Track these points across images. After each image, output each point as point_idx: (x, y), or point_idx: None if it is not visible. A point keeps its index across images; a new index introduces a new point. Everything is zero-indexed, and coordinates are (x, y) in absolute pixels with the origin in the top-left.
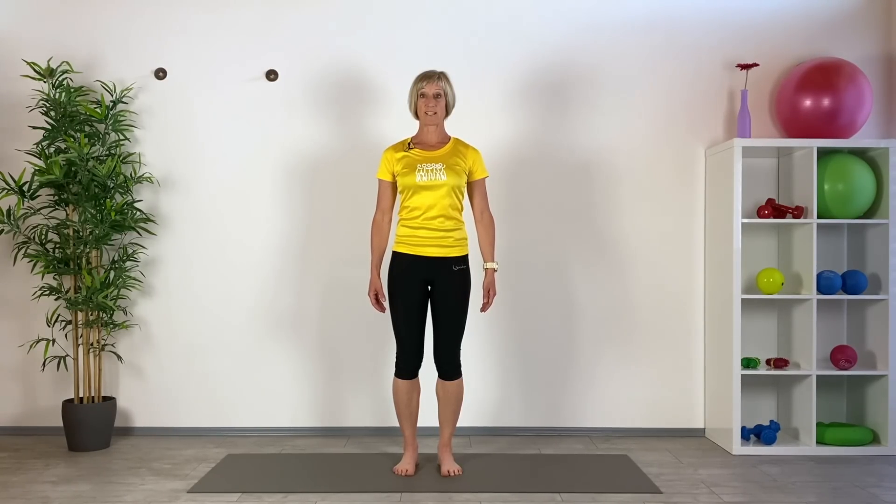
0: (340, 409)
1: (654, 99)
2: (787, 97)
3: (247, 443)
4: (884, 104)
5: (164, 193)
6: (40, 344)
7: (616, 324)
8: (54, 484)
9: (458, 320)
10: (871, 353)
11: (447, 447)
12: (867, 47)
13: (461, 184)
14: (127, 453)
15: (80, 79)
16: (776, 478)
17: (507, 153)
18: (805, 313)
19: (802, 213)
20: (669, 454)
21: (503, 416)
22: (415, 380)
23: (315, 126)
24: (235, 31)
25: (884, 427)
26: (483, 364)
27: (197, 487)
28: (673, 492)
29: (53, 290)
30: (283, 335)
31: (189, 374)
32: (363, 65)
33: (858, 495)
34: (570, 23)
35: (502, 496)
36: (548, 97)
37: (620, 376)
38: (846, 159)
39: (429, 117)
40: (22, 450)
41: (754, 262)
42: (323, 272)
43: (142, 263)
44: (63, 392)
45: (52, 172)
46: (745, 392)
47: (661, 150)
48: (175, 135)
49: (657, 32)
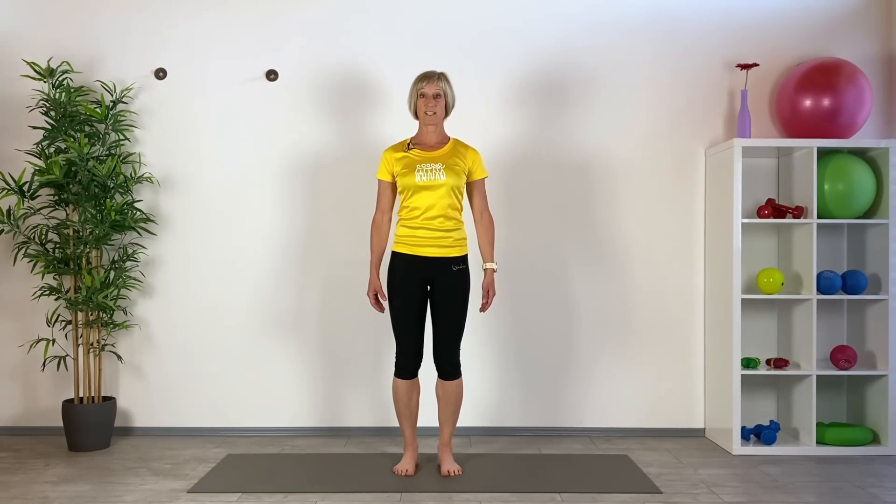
0: (340, 409)
1: (654, 99)
2: (787, 97)
3: (247, 443)
4: (884, 104)
5: (164, 193)
6: (40, 344)
7: (616, 323)
8: (54, 484)
9: (458, 320)
10: (871, 353)
11: (447, 447)
12: (867, 47)
13: (461, 184)
14: (127, 453)
15: (80, 79)
16: (776, 478)
17: (507, 153)
18: (805, 313)
19: (802, 213)
20: (669, 454)
21: (503, 416)
22: (415, 380)
23: (315, 126)
24: (235, 31)
25: (884, 427)
26: (483, 364)
27: (197, 487)
28: (673, 492)
29: (53, 290)
30: (283, 335)
31: (189, 374)
32: (363, 65)
33: (858, 495)
34: (570, 23)
35: (502, 496)
36: (547, 97)
37: (620, 376)
38: (846, 159)
39: (428, 117)
40: (22, 450)
41: (754, 262)
42: (322, 272)
43: (142, 263)
44: (63, 392)
45: (52, 172)
46: (745, 392)
47: (661, 150)
48: (175, 135)
49: (657, 32)
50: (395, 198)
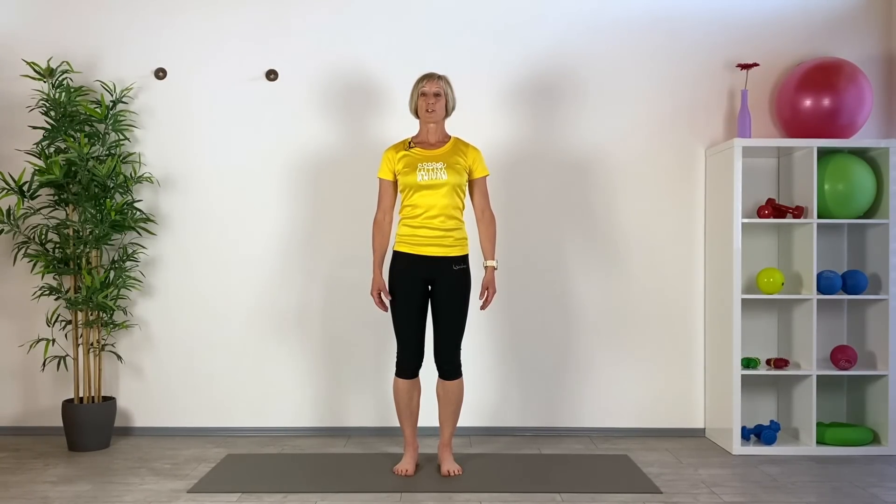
0: (341, 408)
1: (654, 99)
2: (787, 97)
3: (247, 443)
4: (884, 104)
5: (163, 193)
6: (40, 344)
7: (616, 323)
8: (54, 484)
9: (459, 320)
10: (871, 353)
11: (447, 447)
12: (867, 47)
13: (462, 182)
14: (127, 453)
15: (80, 79)
16: (776, 478)
17: (507, 154)
18: (805, 313)
19: (802, 213)
20: (669, 454)
21: (503, 416)
22: (415, 379)
23: (315, 126)
24: (235, 31)
25: (884, 427)
26: (483, 364)
27: (197, 487)
28: (673, 492)
29: (53, 290)
30: (283, 335)
31: (189, 374)
32: (363, 65)
33: (858, 495)
34: (570, 23)
35: (502, 496)
36: (547, 98)
37: (620, 376)
38: (846, 159)
39: (429, 115)
40: (22, 450)
41: (754, 262)
42: (323, 272)
43: (142, 263)
44: (63, 392)
45: (52, 172)
46: (746, 392)
47: (661, 150)
48: (175, 135)
49: (657, 32)
50: (396, 197)
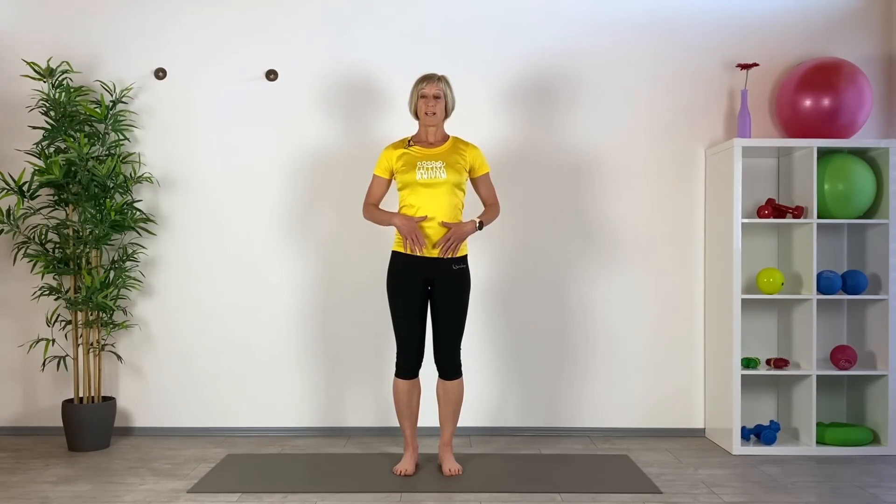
0: (341, 408)
1: (654, 99)
2: (787, 97)
3: (247, 443)
4: (884, 104)
5: (163, 193)
6: (40, 344)
7: (616, 323)
8: (54, 484)
9: (458, 320)
10: (871, 353)
11: (448, 447)
12: (867, 47)
13: (461, 181)
14: (127, 453)
15: (80, 79)
16: (776, 478)
17: (506, 154)
18: (805, 313)
19: (802, 213)
20: (669, 454)
21: (503, 416)
22: (415, 379)
23: (315, 126)
24: (235, 31)
25: (884, 427)
26: (483, 364)
27: (197, 487)
28: (673, 492)
29: (53, 290)
30: (283, 335)
31: (189, 374)
32: (363, 65)
33: (858, 495)
34: (570, 23)
35: (502, 496)
36: (547, 97)
37: (620, 376)
38: (846, 159)
39: (428, 118)
40: (22, 450)
41: (754, 262)
42: (322, 271)
43: (142, 263)
44: (63, 392)
45: (52, 172)
46: (745, 392)
47: (661, 150)
48: (175, 135)
49: (657, 32)
50: (384, 196)
